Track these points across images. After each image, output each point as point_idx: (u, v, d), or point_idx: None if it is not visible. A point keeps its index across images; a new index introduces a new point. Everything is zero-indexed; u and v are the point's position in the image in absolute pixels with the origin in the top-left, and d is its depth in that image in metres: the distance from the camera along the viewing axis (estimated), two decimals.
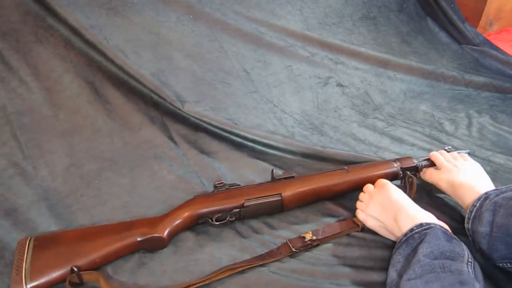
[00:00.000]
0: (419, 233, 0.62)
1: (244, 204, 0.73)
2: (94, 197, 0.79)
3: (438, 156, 0.82)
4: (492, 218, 0.64)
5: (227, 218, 0.73)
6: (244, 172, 0.89)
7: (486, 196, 0.68)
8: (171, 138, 0.93)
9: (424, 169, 0.83)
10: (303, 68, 1.18)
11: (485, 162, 0.91)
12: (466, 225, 0.69)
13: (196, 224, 0.73)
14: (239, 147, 0.95)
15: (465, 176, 0.75)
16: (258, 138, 0.95)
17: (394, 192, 0.71)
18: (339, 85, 1.20)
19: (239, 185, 0.76)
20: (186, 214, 0.70)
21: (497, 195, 0.66)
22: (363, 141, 1.03)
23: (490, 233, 0.63)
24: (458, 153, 0.85)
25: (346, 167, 0.80)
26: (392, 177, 0.81)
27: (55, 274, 0.60)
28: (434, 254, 0.56)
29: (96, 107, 0.91)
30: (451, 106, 1.22)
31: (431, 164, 0.83)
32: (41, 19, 0.89)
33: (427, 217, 0.66)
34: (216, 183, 0.75)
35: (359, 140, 1.03)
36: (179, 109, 0.93)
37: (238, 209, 0.73)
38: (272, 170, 0.77)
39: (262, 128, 1.00)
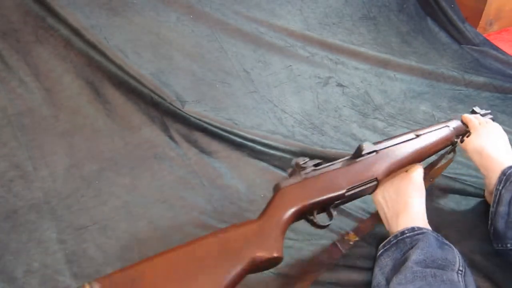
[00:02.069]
0: (411, 237, 0.59)
1: (346, 194, 0.60)
2: (95, 197, 0.79)
3: (471, 118, 0.80)
4: (511, 197, 0.65)
5: (333, 215, 0.59)
6: (244, 172, 0.89)
7: (506, 178, 0.68)
8: (171, 138, 0.93)
9: None
10: (303, 68, 1.18)
11: None
12: (491, 209, 0.69)
13: None
14: (239, 147, 0.95)
15: (494, 145, 0.74)
16: (258, 138, 0.94)
17: (414, 187, 0.65)
18: (339, 85, 1.20)
19: (320, 161, 0.62)
20: (287, 216, 0.55)
21: None
22: (363, 141, 1.03)
23: (508, 212, 0.65)
24: (482, 115, 0.84)
25: (414, 135, 0.71)
26: (448, 144, 0.75)
27: None
28: (426, 262, 0.54)
29: (96, 107, 0.91)
30: (451, 106, 1.22)
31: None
32: (41, 19, 0.89)
33: (422, 221, 0.63)
34: (301, 162, 0.59)
35: (360, 140, 1.03)
36: (179, 109, 0.93)
37: (340, 200, 0.60)
38: (359, 146, 0.65)
39: (262, 128, 1.00)
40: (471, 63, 1.39)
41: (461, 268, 0.54)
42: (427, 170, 0.78)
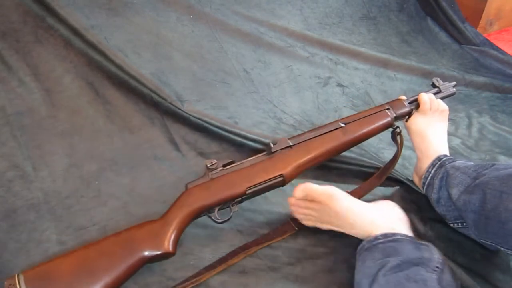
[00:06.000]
0: (384, 243, 0.59)
1: (246, 192, 0.67)
2: (94, 198, 0.79)
3: (425, 101, 0.80)
4: (442, 183, 0.71)
5: (231, 214, 0.68)
6: None
7: (440, 164, 0.74)
8: (171, 139, 0.93)
9: None
10: (303, 68, 1.18)
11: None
12: (422, 189, 0.77)
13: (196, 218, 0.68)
14: (239, 147, 0.95)
15: (435, 132, 0.78)
16: (258, 138, 0.94)
17: (343, 201, 0.65)
18: (339, 85, 1.20)
19: (232, 161, 0.69)
20: (185, 214, 0.64)
21: (449, 162, 0.73)
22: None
23: (439, 199, 0.71)
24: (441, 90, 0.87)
25: (341, 124, 0.75)
26: (386, 128, 0.79)
27: None
28: (401, 266, 0.54)
29: (96, 107, 0.91)
30: (451, 106, 1.20)
31: (418, 106, 0.81)
32: (41, 19, 0.89)
33: (386, 222, 0.63)
34: (209, 164, 0.67)
35: None
36: (179, 109, 0.93)
37: (240, 198, 0.68)
38: (269, 144, 0.71)
39: (262, 128, 1.00)
40: (471, 63, 1.39)
41: (438, 265, 0.54)
42: (382, 174, 0.81)
